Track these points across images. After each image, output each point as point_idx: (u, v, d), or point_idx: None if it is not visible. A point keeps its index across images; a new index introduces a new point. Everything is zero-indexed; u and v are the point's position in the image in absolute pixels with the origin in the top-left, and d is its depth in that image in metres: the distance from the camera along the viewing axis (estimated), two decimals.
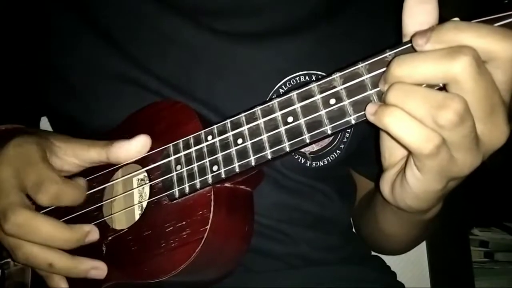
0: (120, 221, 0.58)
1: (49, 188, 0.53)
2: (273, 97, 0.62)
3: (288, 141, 0.47)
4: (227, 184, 0.53)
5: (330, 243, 0.70)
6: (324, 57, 0.64)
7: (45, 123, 0.81)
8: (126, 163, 0.58)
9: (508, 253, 1.33)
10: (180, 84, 0.64)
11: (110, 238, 0.56)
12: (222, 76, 0.64)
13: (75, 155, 0.58)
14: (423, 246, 1.02)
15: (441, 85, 0.40)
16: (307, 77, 0.63)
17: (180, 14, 0.65)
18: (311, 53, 0.64)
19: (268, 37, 0.64)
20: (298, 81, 0.63)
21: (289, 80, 0.63)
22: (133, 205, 0.58)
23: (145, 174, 0.57)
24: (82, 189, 0.57)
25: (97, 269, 0.55)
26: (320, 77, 0.62)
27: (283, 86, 0.63)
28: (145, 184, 0.57)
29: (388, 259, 0.79)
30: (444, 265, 1.03)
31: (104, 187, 0.59)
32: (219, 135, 0.52)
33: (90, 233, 0.55)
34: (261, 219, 0.63)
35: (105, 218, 0.58)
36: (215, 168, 0.51)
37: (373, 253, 0.79)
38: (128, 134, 0.58)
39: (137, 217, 0.57)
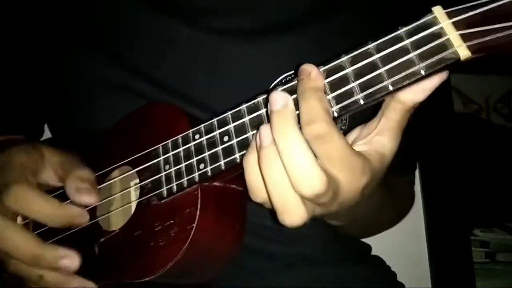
0: (118, 224, 0.58)
1: (14, 190, 0.51)
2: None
3: None
4: (216, 183, 0.53)
5: (329, 242, 0.70)
6: (319, 55, 0.63)
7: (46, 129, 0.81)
8: (120, 163, 0.58)
9: (509, 253, 1.33)
10: (177, 86, 0.64)
11: (102, 240, 0.56)
12: (218, 76, 0.64)
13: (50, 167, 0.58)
14: (423, 246, 1.02)
15: None
16: None
17: (174, 15, 0.64)
18: (307, 51, 0.64)
19: (263, 35, 0.64)
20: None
21: (285, 78, 0.63)
22: (124, 206, 0.58)
23: (136, 176, 0.57)
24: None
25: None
26: None
27: (279, 84, 0.63)
28: (136, 185, 0.57)
29: (388, 259, 0.78)
30: (445, 266, 1.03)
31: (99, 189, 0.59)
32: (206, 134, 0.52)
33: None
34: (258, 219, 0.63)
35: (97, 219, 0.58)
36: (201, 166, 0.51)
37: (373, 253, 0.79)
38: (119, 137, 0.59)
39: None
